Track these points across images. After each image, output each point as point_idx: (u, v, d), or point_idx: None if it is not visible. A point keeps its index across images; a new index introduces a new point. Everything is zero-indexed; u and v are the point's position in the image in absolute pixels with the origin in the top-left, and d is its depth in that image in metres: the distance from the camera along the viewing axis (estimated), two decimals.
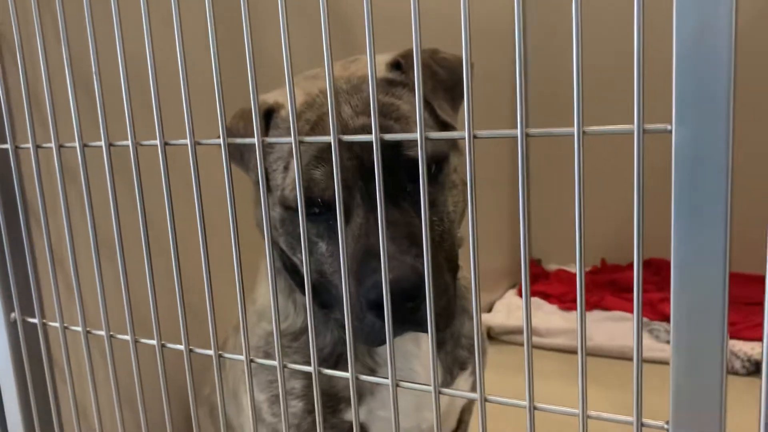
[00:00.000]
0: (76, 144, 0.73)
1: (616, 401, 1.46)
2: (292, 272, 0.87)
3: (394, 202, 0.72)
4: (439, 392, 0.59)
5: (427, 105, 0.78)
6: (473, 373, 0.97)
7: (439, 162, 0.76)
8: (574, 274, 2.76)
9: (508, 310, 2.50)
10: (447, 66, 0.81)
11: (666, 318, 2.30)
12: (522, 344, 2.11)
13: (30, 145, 0.77)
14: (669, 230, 0.46)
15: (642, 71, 0.46)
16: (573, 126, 0.48)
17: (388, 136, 0.57)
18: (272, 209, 0.81)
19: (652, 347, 2.12)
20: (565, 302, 2.55)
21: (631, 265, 2.78)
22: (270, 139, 0.63)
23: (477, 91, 0.53)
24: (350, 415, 0.86)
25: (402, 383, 0.61)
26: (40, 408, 0.87)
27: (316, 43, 0.58)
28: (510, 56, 0.54)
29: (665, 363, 1.66)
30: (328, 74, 0.57)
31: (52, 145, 0.74)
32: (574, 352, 2.20)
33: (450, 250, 0.78)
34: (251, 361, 0.68)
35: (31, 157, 0.77)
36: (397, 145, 0.71)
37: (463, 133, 0.52)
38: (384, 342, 0.63)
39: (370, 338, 0.71)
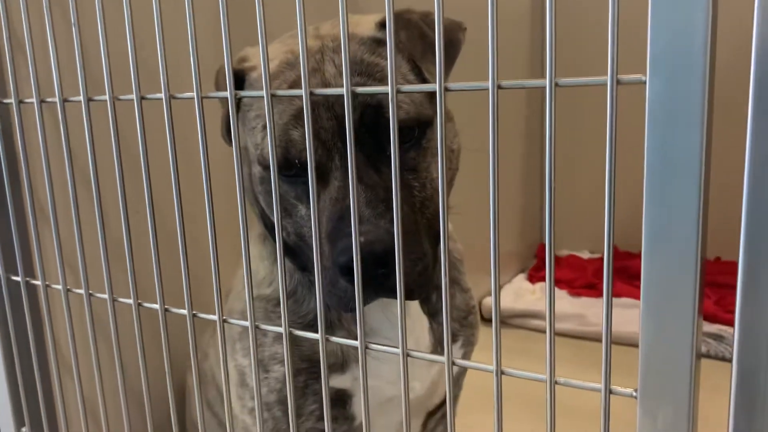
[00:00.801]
0: (57, 99, 0.72)
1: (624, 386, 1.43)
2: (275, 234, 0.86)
3: (374, 166, 0.71)
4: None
5: (415, 67, 0.77)
6: (464, 345, 0.96)
7: (422, 126, 0.74)
8: (585, 260, 2.73)
9: (516, 294, 2.48)
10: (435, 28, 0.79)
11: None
12: (529, 328, 2.10)
13: (12, 100, 0.76)
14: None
15: (616, 20, 0.43)
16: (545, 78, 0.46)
17: (361, 90, 0.55)
18: (253, 167, 0.80)
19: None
20: (575, 288, 2.52)
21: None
22: (243, 93, 0.61)
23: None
24: (333, 381, 0.85)
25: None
26: (24, 366, 0.87)
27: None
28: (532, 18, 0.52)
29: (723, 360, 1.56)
30: (301, 33, 0.55)
31: (34, 100, 0.74)
32: (581, 337, 2.18)
33: (432, 219, 0.76)
34: (224, 321, 0.67)
35: (16, 112, 0.76)
36: (380, 106, 0.70)
37: (433, 86, 0.50)
38: (354, 310, 0.62)
39: (343, 303, 0.69)
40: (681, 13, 0.41)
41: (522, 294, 2.49)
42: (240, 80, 0.78)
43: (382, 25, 0.77)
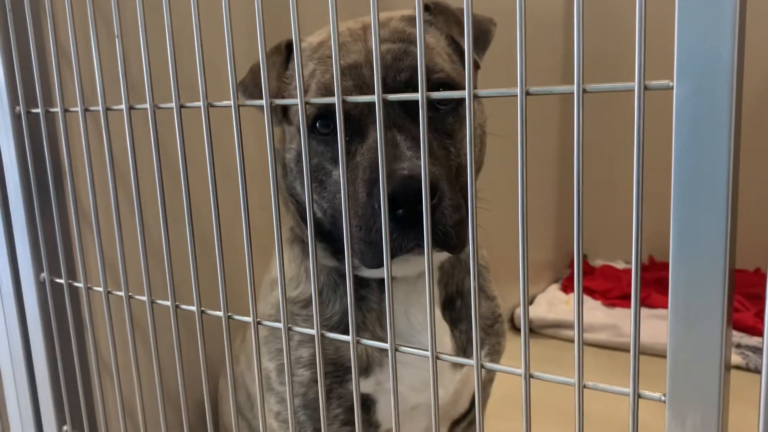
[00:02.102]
0: (100, 108, 0.74)
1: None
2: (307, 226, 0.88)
3: (415, 124, 0.74)
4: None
5: (453, 42, 0.85)
6: (489, 353, 0.96)
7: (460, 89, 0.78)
8: (620, 270, 2.69)
9: (549, 304, 2.46)
10: (473, 19, 0.83)
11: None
12: (562, 338, 2.07)
13: (59, 109, 0.79)
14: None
15: (644, 26, 0.44)
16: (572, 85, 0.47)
17: (392, 97, 0.56)
18: (289, 144, 0.85)
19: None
20: (609, 298, 2.49)
21: None
22: (279, 101, 0.63)
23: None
24: (361, 386, 0.86)
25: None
26: (66, 365, 0.90)
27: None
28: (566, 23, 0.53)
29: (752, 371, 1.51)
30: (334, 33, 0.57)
31: (78, 108, 0.77)
32: (616, 348, 2.15)
33: (464, 188, 0.77)
34: (258, 323, 0.69)
35: (61, 121, 0.79)
36: (427, 68, 0.73)
37: (463, 93, 0.51)
38: (394, 254, 0.65)
39: (378, 252, 0.69)
40: (708, 18, 0.41)
41: (555, 304, 2.47)
42: (288, 52, 0.86)
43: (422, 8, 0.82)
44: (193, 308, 0.72)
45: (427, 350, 0.61)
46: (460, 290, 0.92)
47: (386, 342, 0.85)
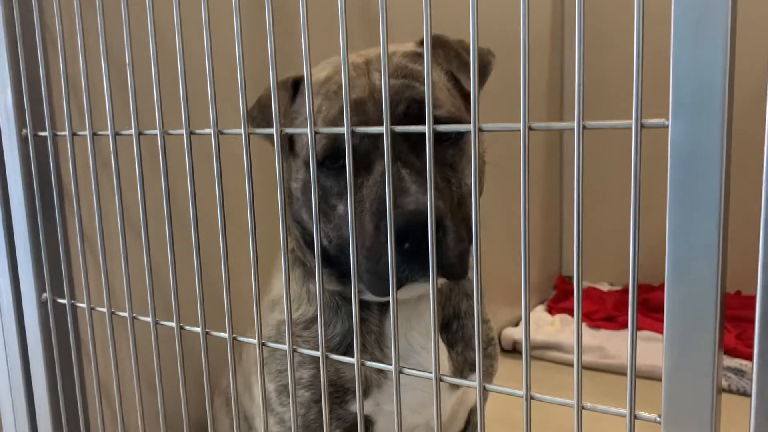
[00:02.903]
0: (109, 132, 0.76)
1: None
2: (311, 251, 0.90)
3: (416, 153, 0.77)
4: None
5: (453, 78, 0.88)
6: (484, 375, 0.98)
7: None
8: (605, 292, 2.73)
9: (536, 325, 2.49)
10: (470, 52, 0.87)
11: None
12: (549, 360, 2.09)
13: (66, 133, 0.81)
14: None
15: (641, 69, 0.47)
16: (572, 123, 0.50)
17: (400, 128, 0.59)
18: (296, 175, 0.85)
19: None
20: (594, 320, 2.52)
21: (663, 285, 2.74)
22: (289, 130, 0.66)
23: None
24: (356, 406, 0.88)
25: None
26: (66, 386, 0.91)
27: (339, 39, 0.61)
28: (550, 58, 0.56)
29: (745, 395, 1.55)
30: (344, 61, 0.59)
31: (87, 132, 0.78)
32: (601, 369, 2.18)
33: (467, 218, 0.81)
34: (263, 344, 0.70)
35: (67, 144, 0.81)
36: (424, 102, 0.74)
37: (468, 126, 0.54)
38: (400, 285, 0.68)
39: (384, 283, 0.72)
40: (701, 61, 0.45)
41: (541, 325, 2.50)
42: (294, 88, 0.88)
43: (420, 43, 0.87)
44: (198, 329, 0.73)
45: (428, 372, 0.62)
46: (457, 312, 0.94)
47: (386, 363, 0.87)
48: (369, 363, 0.65)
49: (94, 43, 0.79)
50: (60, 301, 0.88)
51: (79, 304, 0.86)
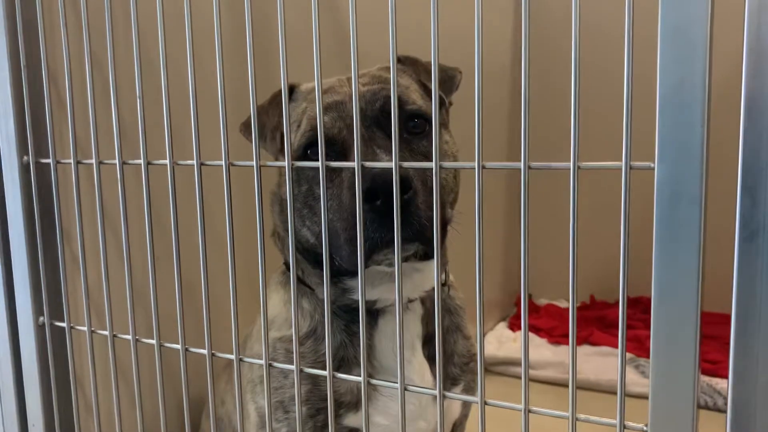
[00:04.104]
0: (93, 161, 0.80)
1: None
2: (304, 251, 0.95)
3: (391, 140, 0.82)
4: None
5: (423, 86, 0.97)
6: (465, 389, 1.03)
7: (430, 122, 0.90)
8: (564, 309, 2.83)
9: (499, 341, 2.56)
10: (439, 68, 0.94)
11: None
12: (511, 375, 2.14)
13: (51, 160, 0.84)
14: None
15: (630, 117, 0.53)
16: (568, 161, 0.56)
17: (403, 167, 0.64)
18: (284, 178, 0.91)
19: (639, 382, 2.18)
20: (554, 336, 2.60)
21: (618, 303, 2.85)
22: (269, 163, 0.70)
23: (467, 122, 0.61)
24: (349, 420, 0.92)
25: (409, 387, 0.67)
26: (61, 409, 0.92)
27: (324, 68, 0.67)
28: (506, 91, 0.62)
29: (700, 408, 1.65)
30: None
31: (93, 161, 0.81)
32: (563, 384, 2.25)
33: (440, 207, 0.85)
34: (270, 365, 0.74)
35: (64, 171, 0.84)
36: (399, 100, 0.81)
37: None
38: (375, 246, 0.77)
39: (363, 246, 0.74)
40: (685, 112, 0.51)
41: (504, 341, 2.57)
42: (291, 91, 0.96)
43: (396, 61, 0.93)
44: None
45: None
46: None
47: (376, 377, 0.92)
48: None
49: (97, 73, 0.82)
50: (58, 324, 0.90)
51: (79, 327, 0.87)
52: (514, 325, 2.72)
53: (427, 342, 0.99)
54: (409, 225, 0.78)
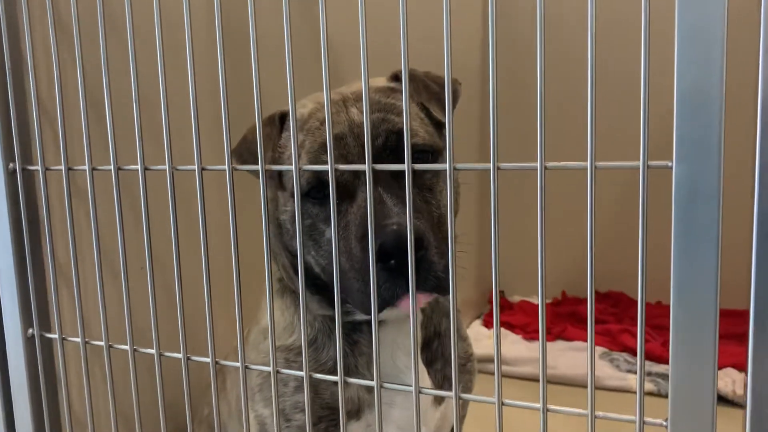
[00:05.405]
0: (86, 167, 0.78)
1: (581, 426, 1.53)
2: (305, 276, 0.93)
3: (398, 182, 0.82)
4: (460, 397, 0.64)
5: (424, 108, 0.93)
6: (463, 390, 1.04)
7: (434, 152, 0.89)
8: (537, 305, 2.86)
9: (474, 339, 2.55)
10: (438, 82, 0.97)
11: (626, 348, 2.41)
12: (487, 372, 2.15)
13: (39, 167, 0.82)
14: (627, 265, 0.55)
15: (647, 117, 0.54)
16: (585, 161, 0.56)
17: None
18: (284, 207, 0.90)
19: (613, 376, 2.22)
20: (529, 332, 2.64)
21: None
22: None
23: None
24: (350, 428, 0.91)
25: (424, 389, 0.67)
26: (52, 422, 0.89)
27: (306, 80, 0.67)
28: (475, 91, 0.63)
29: (626, 391, 1.74)
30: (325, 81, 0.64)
31: (86, 167, 0.79)
32: (538, 380, 2.28)
33: (446, 237, 0.85)
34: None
35: (65, 179, 0.81)
36: (400, 133, 0.83)
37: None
38: (388, 303, 0.75)
39: (378, 298, 0.75)
40: (702, 112, 0.52)
41: (479, 339, 2.59)
42: (281, 123, 0.92)
43: (392, 78, 0.94)
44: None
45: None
46: (437, 331, 0.99)
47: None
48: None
49: (70, 79, 0.80)
50: (48, 335, 0.87)
51: (71, 339, 0.85)
52: (488, 323, 2.75)
53: (425, 346, 0.99)
54: (424, 281, 0.77)
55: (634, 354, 2.34)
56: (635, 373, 2.23)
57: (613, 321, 2.60)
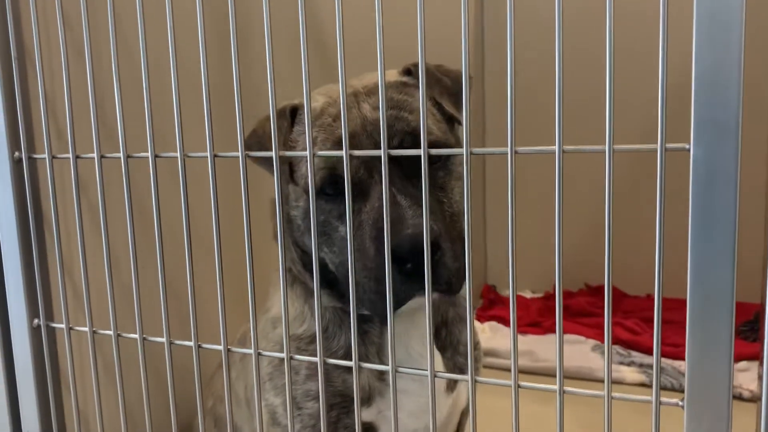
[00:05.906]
0: (95, 155, 0.77)
1: (579, 416, 1.54)
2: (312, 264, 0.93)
3: (412, 182, 0.82)
4: (476, 381, 0.65)
5: (436, 103, 0.92)
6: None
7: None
8: (528, 299, 2.88)
9: None
10: (450, 76, 0.95)
11: (618, 341, 2.43)
12: (486, 365, 2.14)
13: (46, 156, 0.81)
14: (618, 258, 0.56)
15: (664, 100, 0.55)
16: (603, 144, 0.57)
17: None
18: (297, 202, 0.88)
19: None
20: (521, 326, 2.65)
21: (581, 291, 2.92)
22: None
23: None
24: (362, 414, 0.92)
25: (439, 373, 0.67)
26: (58, 414, 0.89)
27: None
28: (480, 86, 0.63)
29: (618, 383, 1.75)
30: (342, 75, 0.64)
31: (94, 155, 0.78)
32: (533, 372, 2.30)
33: (459, 233, 0.87)
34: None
35: (72, 167, 0.80)
36: (415, 133, 0.82)
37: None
38: (401, 305, 0.75)
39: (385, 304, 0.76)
40: (720, 92, 0.53)
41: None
42: (292, 116, 0.91)
43: (404, 72, 0.93)
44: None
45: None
46: (444, 320, 1.00)
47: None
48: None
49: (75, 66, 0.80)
50: (54, 325, 0.87)
51: (79, 328, 0.84)
52: (481, 317, 2.76)
53: (436, 336, 0.99)
54: (437, 282, 0.79)
55: (626, 346, 2.36)
56: (627, 365, 2.25)
57: (603, 314, 2.62)
